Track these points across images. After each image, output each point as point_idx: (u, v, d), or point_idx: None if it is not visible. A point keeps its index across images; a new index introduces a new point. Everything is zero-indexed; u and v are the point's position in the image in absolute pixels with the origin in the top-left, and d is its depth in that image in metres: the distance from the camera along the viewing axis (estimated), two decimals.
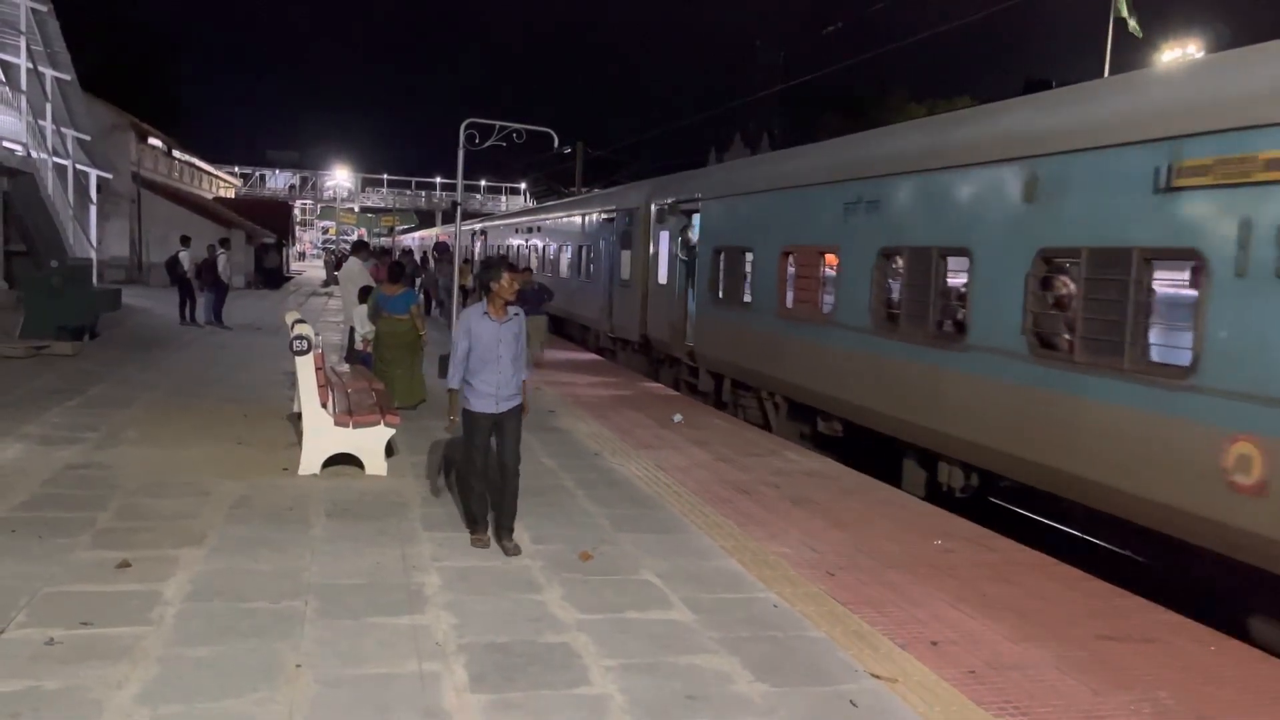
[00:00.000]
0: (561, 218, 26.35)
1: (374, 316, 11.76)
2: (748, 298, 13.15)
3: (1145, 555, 7.59)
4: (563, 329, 24.29)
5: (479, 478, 6.59)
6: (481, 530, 6.62)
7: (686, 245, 15.38)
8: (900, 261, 9.59)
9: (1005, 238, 8.05)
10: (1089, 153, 7.21)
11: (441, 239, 42.87)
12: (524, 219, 33.89)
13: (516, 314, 6.53)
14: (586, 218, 22.83)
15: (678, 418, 12.27)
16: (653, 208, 17.49)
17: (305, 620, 5.14)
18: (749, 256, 13.17)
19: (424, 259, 36.05)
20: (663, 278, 16.83)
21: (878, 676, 4.80)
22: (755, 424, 12.63)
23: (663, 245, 16.83)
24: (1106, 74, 19.14)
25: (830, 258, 11.02)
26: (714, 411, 13.45)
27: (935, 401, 8.82)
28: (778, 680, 4.71)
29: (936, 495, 9.08)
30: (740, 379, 13.46)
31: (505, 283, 6.40)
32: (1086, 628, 5.64)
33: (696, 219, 15.35)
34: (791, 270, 11.95)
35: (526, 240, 31.25)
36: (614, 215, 20.02)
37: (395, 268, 12.59)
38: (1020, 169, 7.92)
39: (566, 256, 25.15)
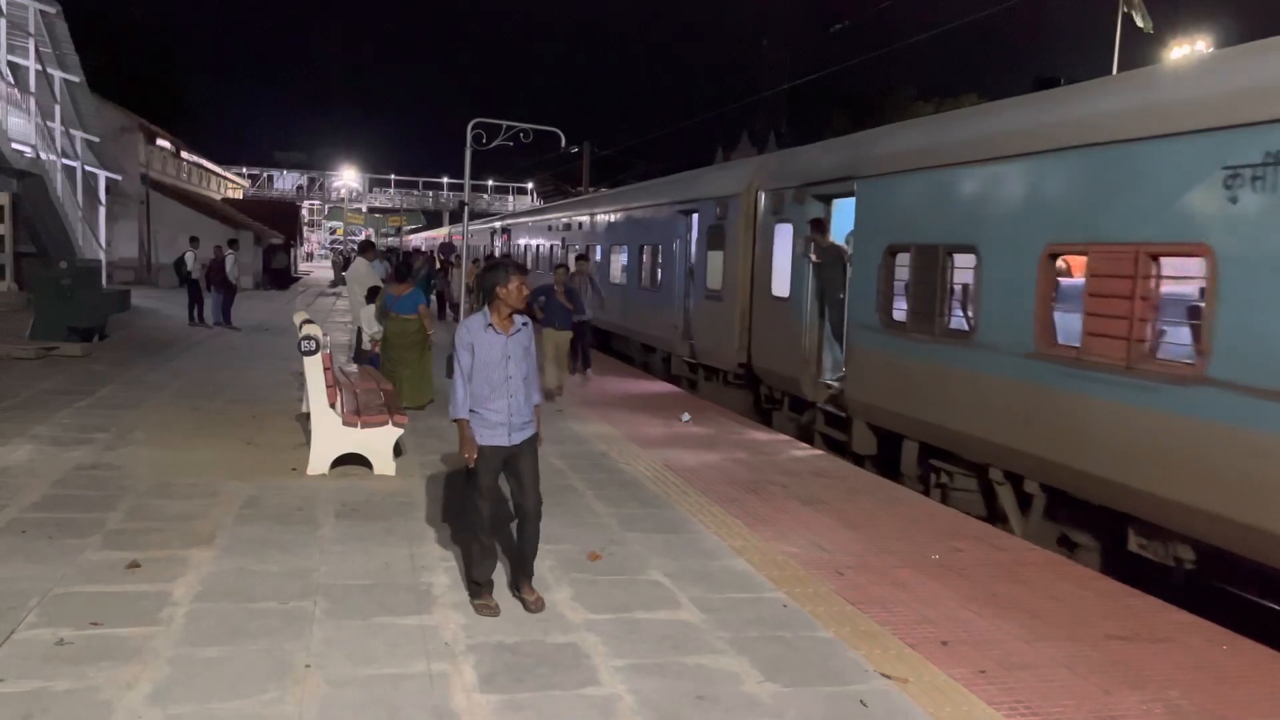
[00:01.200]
0: (612, 212, 21.66)
1: (382, 317, 11.78)
2: (961, 324, 8.81)
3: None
4: (609, 344, 20.70)
5: (487, 530, 5.45)
6: (487, 593, 5.43)
7: (821, 246, 11.37)
8: None
9: None
10: None
11: (448, 239, 42.02)
12: (558, 215, 28.27)
13: (525, 324, 5.49)
14: (650, 211, 18.53)
15: (686, 417, 12.25)
16: (761, 195, 13.17)
17: (314, 620, 5.14)
18: (964, 261, 8.76)
19: (431, 258, 34.89)
20: (780, 288, 12.41)
21: (888, 676, 4.78)
22: (971, 514, 8.37)
23: (780, 245, 12.46)
24: (1115, 71, 19.06)
25: (1179, 264, 6.73)
26: (723, 410, 13.37)
27: None
28: (787, 680, 4.69)
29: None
30: (942, 446, 9.00)
31: (514, 288, 5.32)
32: (1098, 627, 5.62)
33: (842, 206, 11.34)
34: (1070, 284, 7.93)
35: (563, 239, 26.21)
36: (694, 207, 15.73)
37: (403, 268, 12.61)
38: None
39: (620, 259, 20.61)
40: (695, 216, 15.75)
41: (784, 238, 12.42)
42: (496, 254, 34.21)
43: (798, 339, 11.86)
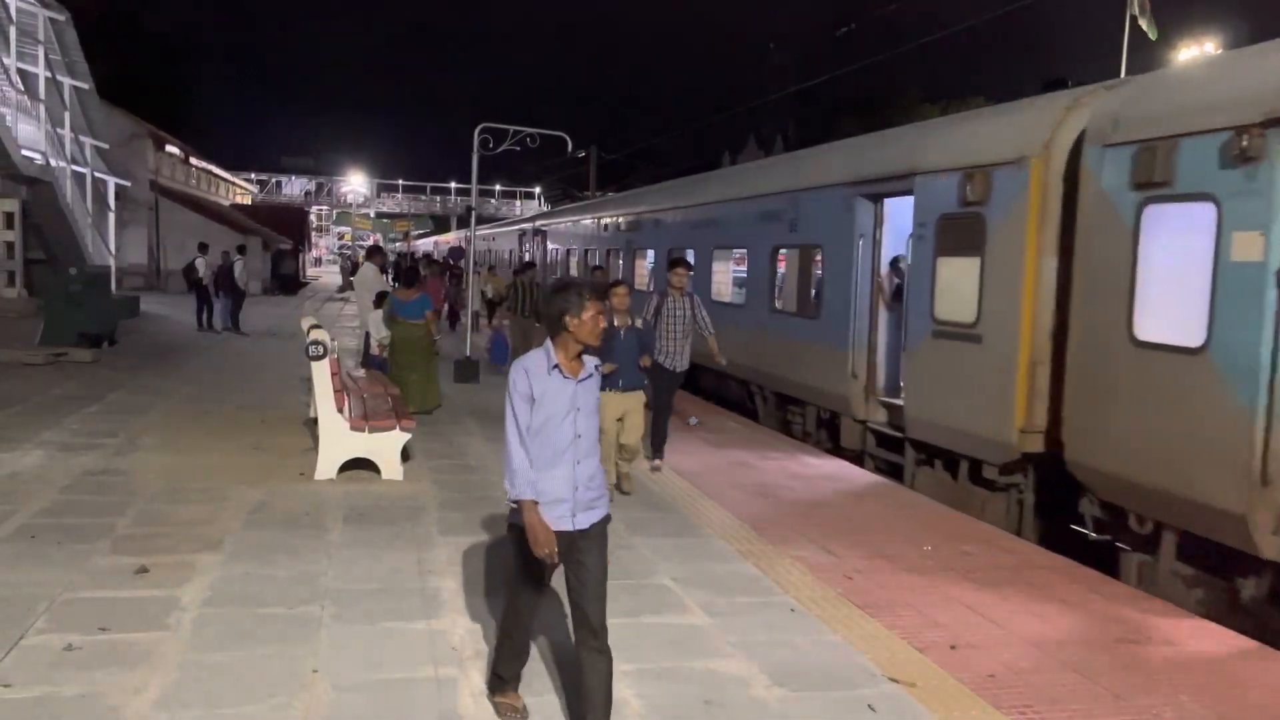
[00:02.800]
0: (717, 202, 14.96)
1: (389, 322, 11.81)
2: None
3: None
4: (695, 385, 14.52)
5: (522, 623, 4.26)
6: (513, 689, 4.34)
7: None
8: None
9: None
10: None
11: (459, 243, 40.63)
12: (619, 210, 20.86)
13: (597, 366, 4.18)
14: (795, 197, 12.18)
15: (694, 420, 12.24)
16: (1089, 155, 7.47)
17: (322, 625, 5.15)
18: None
19: (445, 266, 31.70)
20: (1171, 330, 6.67)
21: (896, 681, 4.76)
22: None
23: (1167, 246, 6.83)
24: (1124, 74, 19.01)
25: None
26: (731, 414, 13.34)
27: None
28: (795, 685, 4.68)
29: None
30: None
31: (589, 318, 3.96)
32: (1108, 631, 5.59)
33: None
34: None
35: (627, 242, 19.57)
36: (898, 186, 9.98)
37: (410, 273, 12.62)
38: None
39: (730, 269, 15.12)
40: (901, 202, 10.15)
41: (1178, 231, 6.69)
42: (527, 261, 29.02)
43: (1236, 431, 6.04)
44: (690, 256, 14.90)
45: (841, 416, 11.02)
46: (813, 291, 11.85)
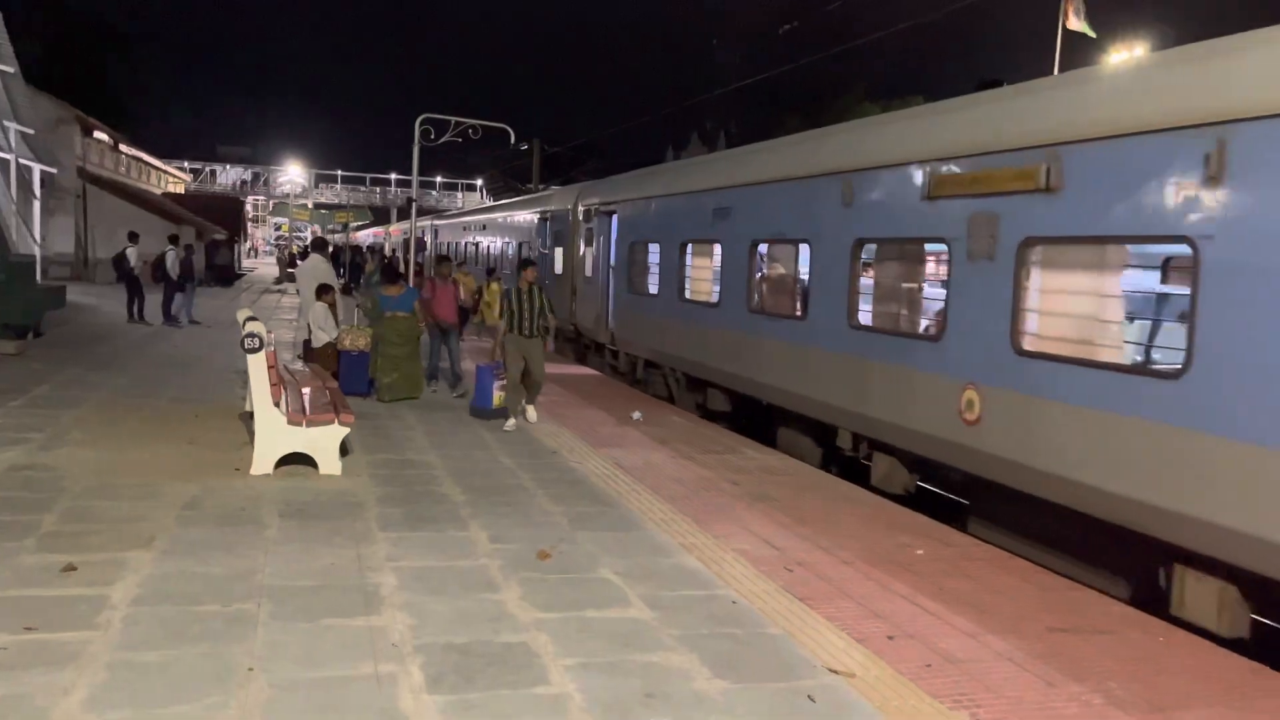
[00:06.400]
0: None
1: (376, 319, 12.58)
2: None
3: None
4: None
5: None
6: None
7: None
8: None
9: None
10: None
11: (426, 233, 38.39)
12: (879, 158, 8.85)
13: None
14: None
15: (637, 415, 12.25)
16: None
17: (258, 623, 5.05)
18: None
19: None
20: None
21: (835, 671, 4.82)
22: None
23: None
24: (1056, 73, 19.42)
25: None
26: (673, 409, 13.42)
27: None
28: (737, 677, 4.71)
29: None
30: None
31: None
32: (1040, 620, 5.73)
33: None
34: None
35: (945, 219, 7.73)
36: None
37: (389, 270, 13.76)
38: None
39: None
40: None
41: None
42: (580, 269, 18.18)
43: None
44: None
45: None
46: None
